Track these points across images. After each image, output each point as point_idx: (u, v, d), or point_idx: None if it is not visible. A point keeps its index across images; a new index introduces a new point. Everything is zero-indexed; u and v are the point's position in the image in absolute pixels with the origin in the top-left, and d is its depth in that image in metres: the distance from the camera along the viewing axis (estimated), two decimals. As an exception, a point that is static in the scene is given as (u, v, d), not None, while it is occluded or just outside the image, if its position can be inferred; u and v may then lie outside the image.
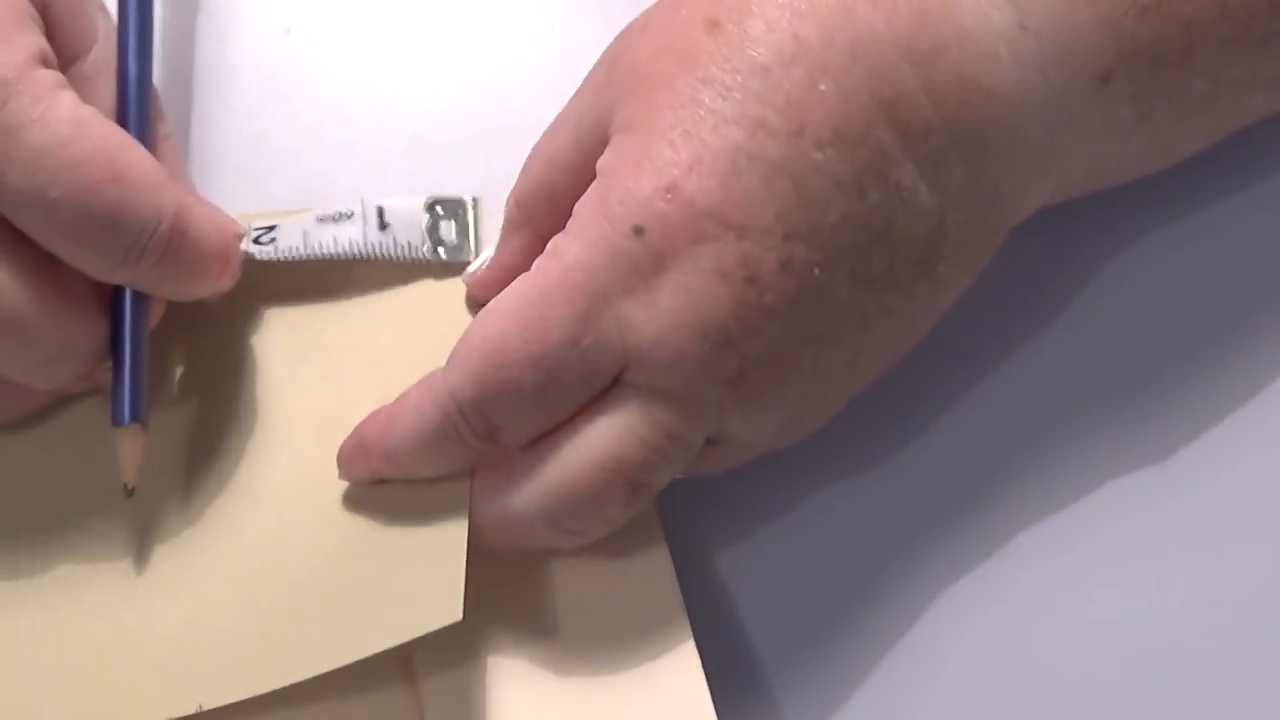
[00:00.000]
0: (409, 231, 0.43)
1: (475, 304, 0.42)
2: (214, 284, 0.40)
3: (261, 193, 0.45)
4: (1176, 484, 0.42)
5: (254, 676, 0.39)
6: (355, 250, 0.43)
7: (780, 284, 0.35)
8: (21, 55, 0.36)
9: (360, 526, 0.41)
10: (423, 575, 0.39)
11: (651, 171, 0.36)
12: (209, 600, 0.40)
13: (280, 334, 0.43)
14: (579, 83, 0.40)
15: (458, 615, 0.37)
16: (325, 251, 0.43)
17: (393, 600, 0.39)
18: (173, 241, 0.37)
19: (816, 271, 0.36)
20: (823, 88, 0.36)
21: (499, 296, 0.37)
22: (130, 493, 0.39)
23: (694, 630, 0.39)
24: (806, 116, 0.35)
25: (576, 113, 0.39)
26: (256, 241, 0.42)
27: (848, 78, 0.36)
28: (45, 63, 0.37)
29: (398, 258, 0.43)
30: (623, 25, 0.39)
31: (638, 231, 0.36)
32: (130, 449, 0.39)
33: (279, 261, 0.42)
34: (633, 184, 0.36)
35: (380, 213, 0.43)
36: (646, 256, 0.36)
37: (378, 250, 0.43)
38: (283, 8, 0.47)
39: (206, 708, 0.38)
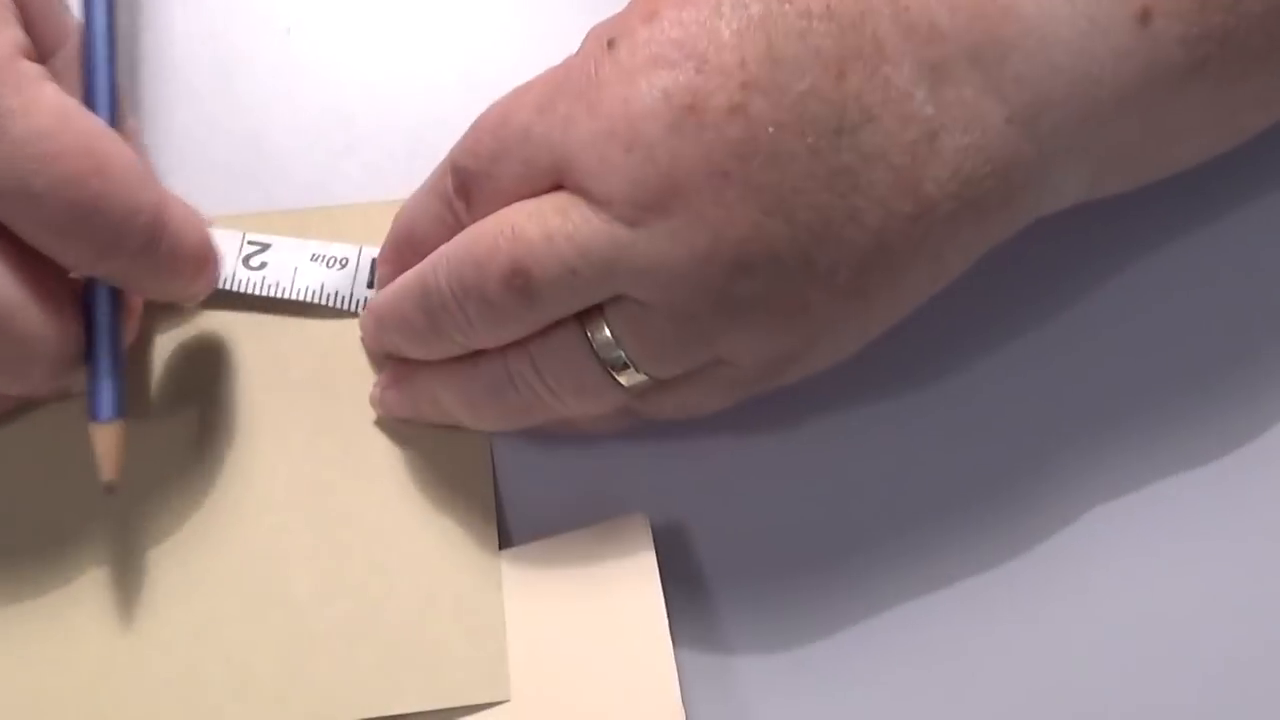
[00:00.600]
0: None
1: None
2: (190, 284, 0.39)
3: (262, 193, 0.45)
4: (1184, 486, 0.43)
5: (273, 711, 0.39)
6: (336, 304, 0.43)
7: (723, 124, 0.35)
8: (5, 47, 0.36)
9: (378, 551, 0.41)
10: (463, 638, 0.39)
11: (641, 3, 0.37)
12: (218, 617, 0.40)
13: (274, 339, 0.43)
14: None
15: (505, 696, 0.39)
16: (308, 297, 0.43)
17: (434, 661, 0.39)
18: (152, 236, 0.37)
19: (770, 130, 0.35)
20: None
21: None
22: (111, 490, 0.39)
23: (684, 635, 0.39)
24: None
25: None
26: (247, 262, 0.43)
27: None
28: (27, 56, 0.37)
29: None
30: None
31: (610, 44, 0.37)
32: (109, 445, 0.39)
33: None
34: (626, 11, 0.38)
35: (373, 268, 0.43)
36: (609, 66, 0.36)
37: (361, 307, 0.43)
38: (283, 8, 0.47)
39: None
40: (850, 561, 0.42)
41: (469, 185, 0.39)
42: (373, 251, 0.43)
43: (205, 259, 0.39)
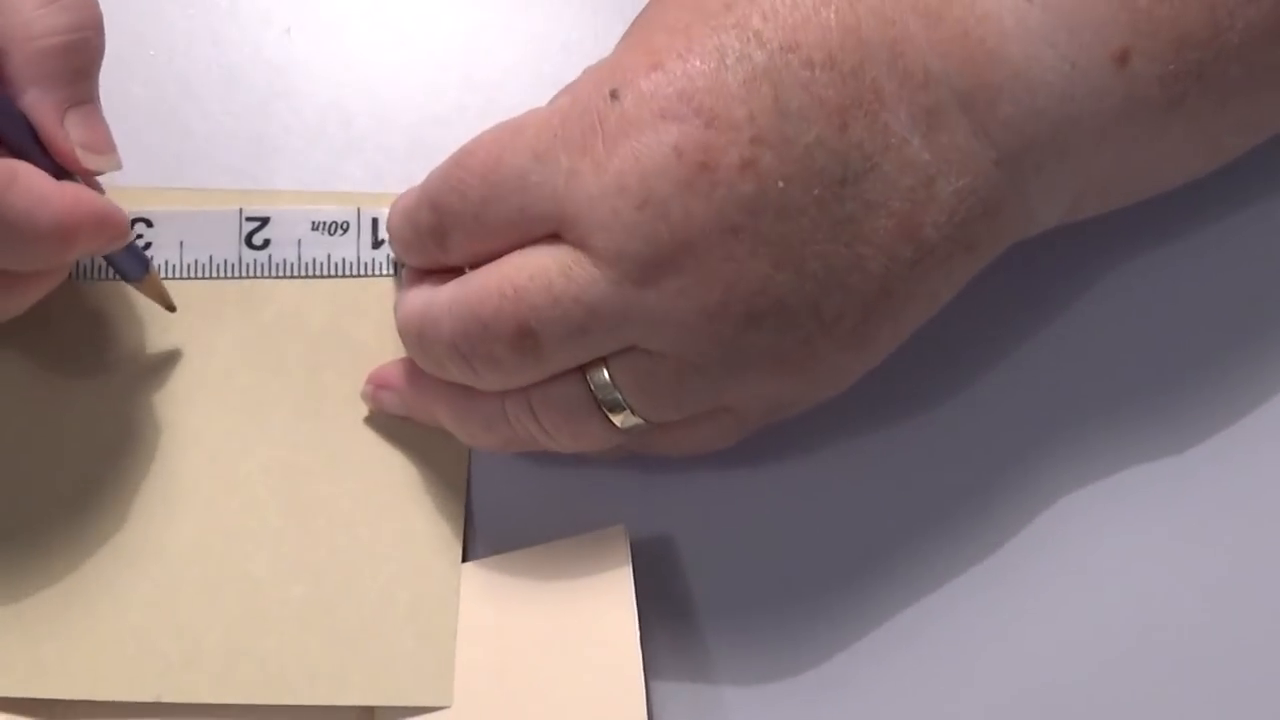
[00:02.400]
0: None
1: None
2: (57, 254, 0.38)
3: (262, 192, 0.45)
4: (1177, 482, 0.42)
5: (218, 684, 0.39)
6: (349, 270, 0.43)
7: (735, 181, 0.35)
8: None
9: (342, 540, 0.41)
10: (413, 640, 0.40)
11: (644, 52, 0.36)
12: (175, 585, 0.40)
13: (265, 318, 0.43)
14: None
15: (447, 702, 0.39)
16: (318, 270, 0.43)
17: (381, 659, 0.40)
18: None
19: (780, 184, 0.35)
20: (825, 16, 0.36)
21: None
22: (174, 309, 0.42)
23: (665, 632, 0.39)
24: (803, 36, 0.36)
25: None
26: (249, 242, 0.43)
27: (852, 14, 0.36)
28: None
29: (389, 274, 0.43)
30: (622, 26, 0.39)
31: (613, 95, 0.36)
32: (157, 290, 0.42)
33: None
34: (624, 58, 0.37)
35: (374, 227, 0.43)
36: (614, 119, 0.36)
37: (370, 269, 0.43)
38: (283, 8, 0.47)
39: (165, 700, 0.39)
40: (836, 578, 0.42)
41: (447, 226, 0.38)
42: (372, 211, 0.44)
43: (68, 235, 0.38)
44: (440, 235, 0.38)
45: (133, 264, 0.41)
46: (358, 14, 0.47)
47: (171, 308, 0.42)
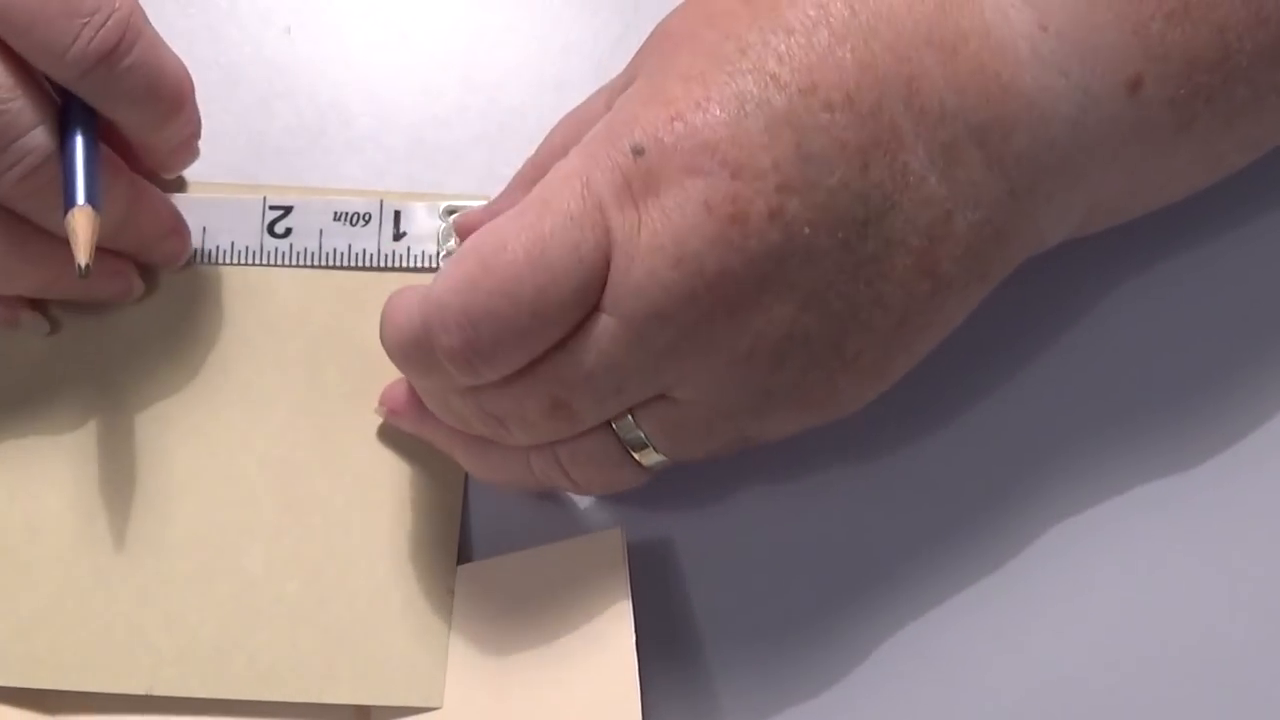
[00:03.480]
0: (423, 242, 0.44)
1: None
2: (169, 120, 0.40)
3: (262, 192, 0.45)
4: (1182, 496, 0.42)
5: (210, 679, 0.39)
6: (369, 263, 0.43)
7: (765, 231, 0.35)
8: None
9: (338, 537, 0.41)
10: (405, 640, 0.40)
11: (661, 103, 0.36)
12: (169, 579, 0.40)
13: (267, 313, 0.43)
14: (579, 83, 0.40)
15: (437, 703, 0.39)
16: (338, 261, 0.43)
17: (373, 658, 0.40)
18: (125, 39, 0.37)
19: (806, 230, 0.35)
20: (841, 55, 0.35)
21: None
22: (85, 272, 0.37)
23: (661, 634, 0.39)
24: (820, 77, 0.35)
25: (614, 81, 0.39)
26: (271, 230, 0.43)
27: (867, 51, 0.36)
28: None
29: (410, 268, 0.43)
30: (622, 26, 0.39)
31: (636, 151, 0.35)
32: (84, 229, 0.37)
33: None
34: (640, 111, 0.36)
35: (396, 219, 0.43)
36: (640, 177, 0.35)
37: (390, 262, 0.43)
38: (283, 8, 0.47)
39: (157, 694, 0.39)
40: (834, 583, 0.42)
41: (488, 342, 0.36)
42: (394, 204, 0.44)
43: (181, 94, 0.39)
44: (479, 356, 0.36)
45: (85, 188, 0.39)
46: (358, 14, 0.47)
47: (84, 268, 0.37)
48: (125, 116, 0.39)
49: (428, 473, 0.42)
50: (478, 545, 0.42)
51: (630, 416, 0.37)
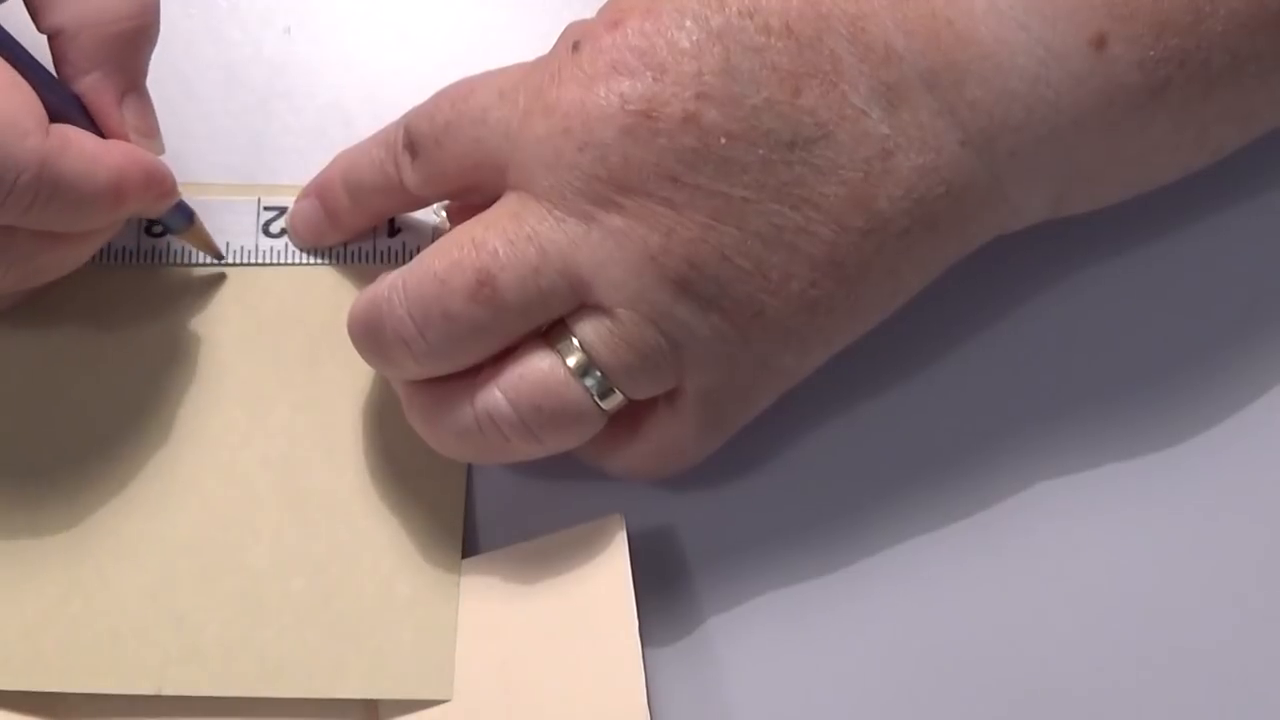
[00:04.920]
0: (419, 238, 0.44)
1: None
2: (109, 213, 0.39)
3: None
4: (1160, 472, 0.43)
5: (217, 677, 0.39)
6: (365, 259, 0.43)
7: (676, 133, 0.36)
8: None
9: (342, 532, 0.41)
10: (413, 633, 0.40)
11: (612, 11, 0.38)
12: (174, 577, 0.40)
13: (265, 311, 0.43)
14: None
15: (446, 696, 0.39)
16: (334, 259, 0.44)
17: (380, 652, 0.40)
18: (40, 190, 0.37)
19: (723, 140, 0.36)
20: None
21: None
22: (222, 257, 0.43)
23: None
24: (763, 4, 0.37)
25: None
26: (267, 230, 0.43)
27: None
28: None
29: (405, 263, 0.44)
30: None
31: (574, 47, 0.38)
32: (202, 238, 0.43)
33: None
34: (593, 19, 0.38)
35: (392, 219, 0.44)
36: (570, 69, 0.37)
37: (386, 258, 0.43)
38: (283, 8, 0.47)
39: (165, 694, 0.39)
40: (835, 569, 0.42)
41: (416, 145, 0.39)
42: None
43: (123, 193, 0.39)
44: (411, 152, 0.40)
45: (177, 217, 0.42)
46: (358, 14, 0.47)
47: (219, 256, 0.43)
48: (64, 226, 0.39)
49: (431, 467, 0.42)
50: (482, 538, 0.42)
51: (573, 339, 0.37)
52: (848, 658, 0.41)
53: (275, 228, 0.44)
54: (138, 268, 0.43)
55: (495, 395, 0.38)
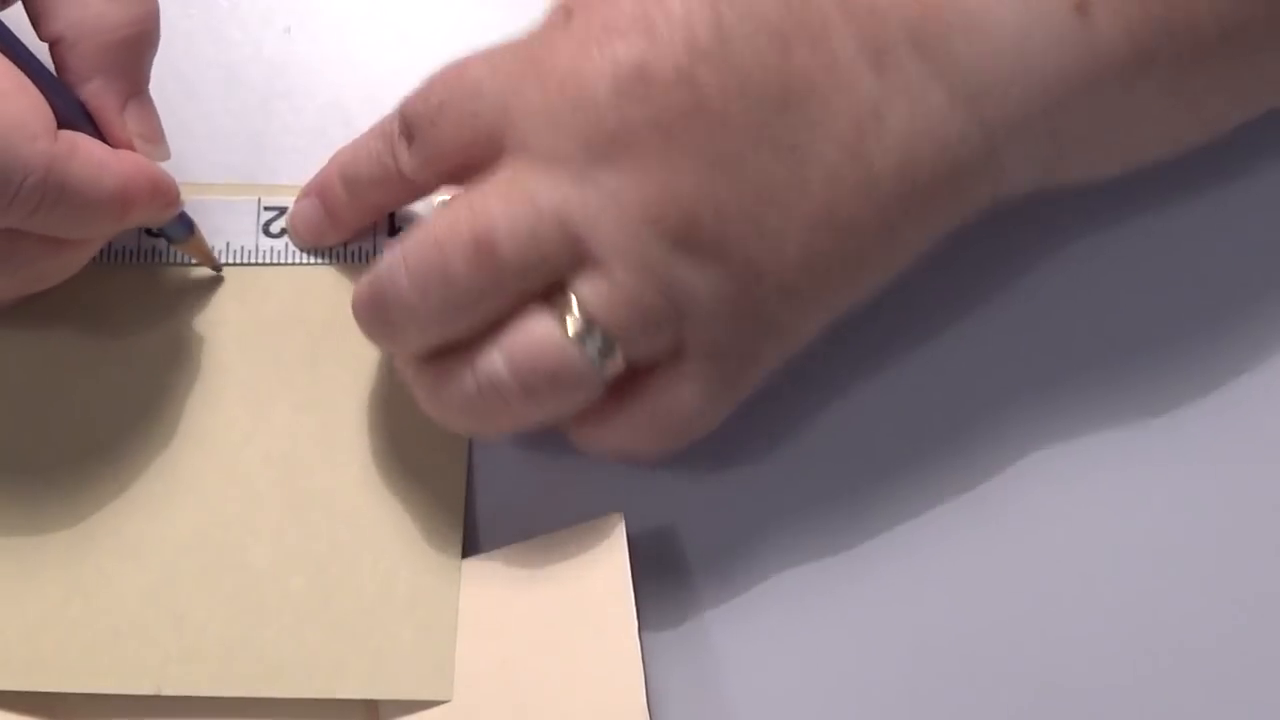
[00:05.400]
0: None
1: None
2: (115, 222, 0.40)
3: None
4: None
5: (217, 677, 0.39)
6: (365, 259, 0.44)
7: (670, 90, 0.37)
8: None
9: (342, 532, 0.41)
10: (413, 633, 0.40)
11: None
12: (174, 577, 0.40)
13: (265, 311, 0.43)
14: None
15: (446, 696, 0.39)
16: (334, 259, 0.44)
17: (380, 652, 0.40)
18: (46, 193, 0.37)
19: (716, 98, 0.37)
20: None
21: None
22: (220, 269, 0.43)
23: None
24: None
25: None
26: (267, 230, 0.43)
27: None
28: None
29: None
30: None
31: (566, 12, 0.38)
32: (201, 250, 0.43)
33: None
34: None
35: (391, 215, 0.44)
36: (562, 36, 0.38)
37: None
38: (283, 8, 0.47)
39: (165, 694, 0.39)
40: (835, 567, 0.42)
41: (412, 127, 0.40)
42: None
43: (129, 200, 0.39)
44: (408, 137, 0.40)
45: (178, 227, 0.42)
46: (358, 14, 0.47)
47: (217, 267, 0.43)
48: (69, 232, 0.39)
49: (431, 466, 0.42)
50: (483, 538, 0.42)
51: (570, 298, 0.37)
52: (847, 651, 0.41)
53: (275, 228, 0.44)
54: (138, 267, 0.43)
55: (494, 359, 0.38)
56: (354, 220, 0.43)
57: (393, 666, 0.39)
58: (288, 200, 0.44)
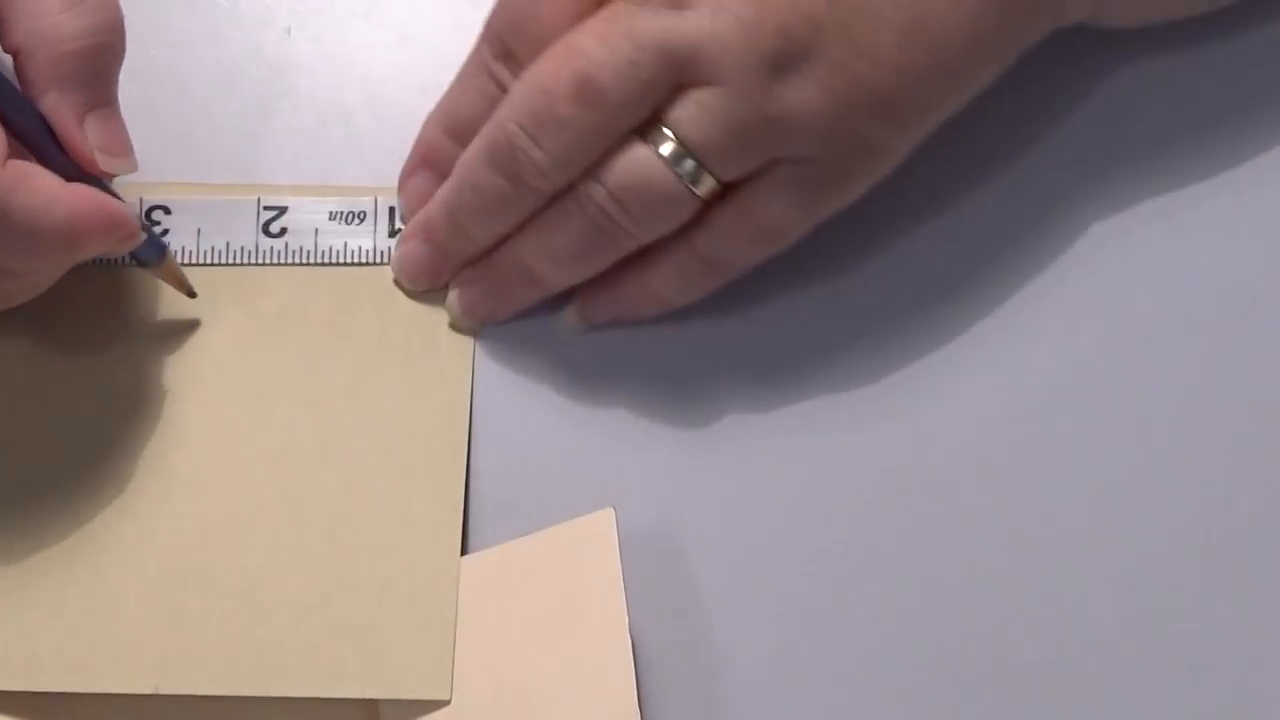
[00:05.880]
0: None
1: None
2: (66, 255, 0.39)
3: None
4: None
5: (216, 676, 0.39)
6: (364, 259, 0.43)
7: None
8: None
9: (341, 531, 0.41)
10: (412, 633, 0.40)
11: None
12: (172, 576, 0.40)
13: (264, 311, 0.43)
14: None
15: (445, 695, 0.39)
16: (334, 259, 0.44)
17: (379, 652, 0.40)
18: None
19: None
20: None
21: None
22: (194, 295, 0.43)
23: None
24: None
25: None
26: (267, 230, 0.43)
27: None
28: None
29: None
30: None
31: None
32: (174, 275, 0.42)
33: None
34: None
35: (392, 215, 0.44)
36: None
37: (387, 258, 0.44)
38: (283, 8, 0.47)
39: (162, 692, 0.39)
40: (830, 559, 0.42)
41: (507, 42, 0.41)
42: (389, 201, 0.44)
43: (77, 236, 0.38)
44: (505, 58, 0.41)
45: (149, 250, 0.42)
46: (358, 14, 0.47)
47: (191, 294, 0.43)
48: (15, 267, 0.39)
49: (429, 466, 0.42)
50: (484, 536, 0.42)
51: (668, 131, 0.39)
52: (843, 653, 0.41)
53: (275, 227, 0.44)
54: (138, 268, 0.43)
55: (595, 189, 0.40)
56: None
57: (392, 666, 0.39)
58: (288, 200, 0.44)
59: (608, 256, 0.42)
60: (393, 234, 0.44)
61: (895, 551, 0.42)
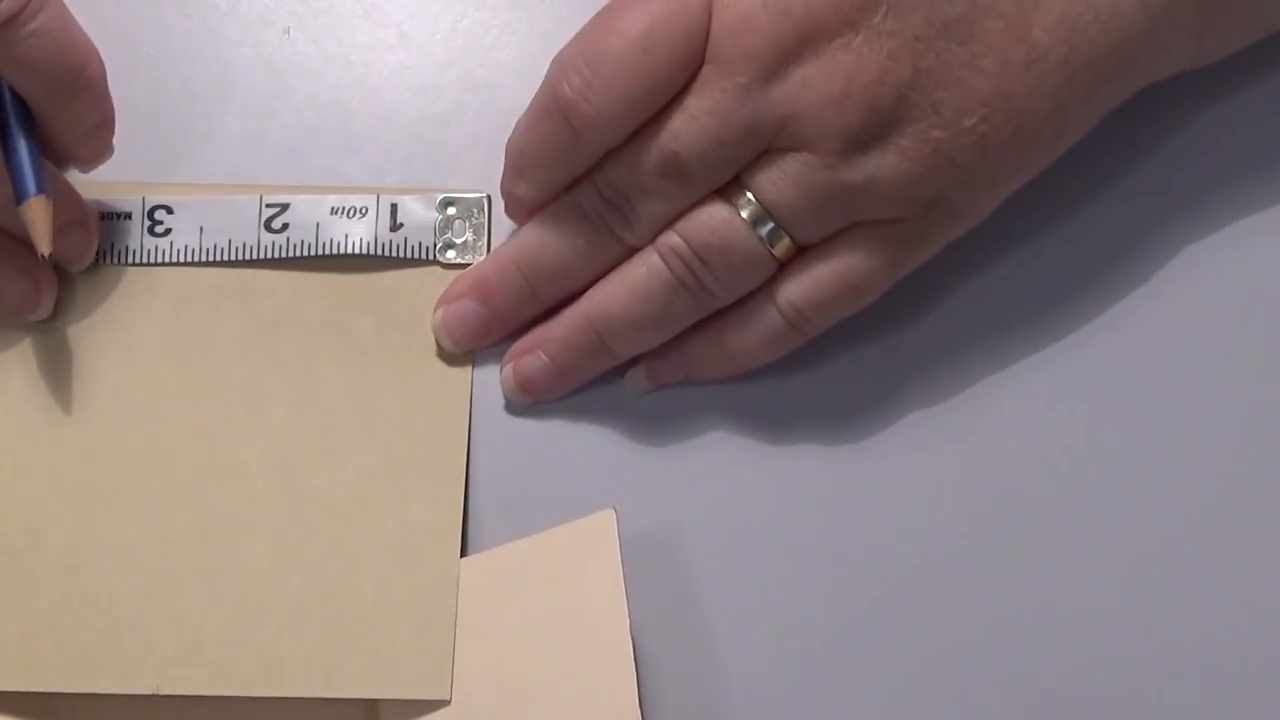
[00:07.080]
0: (421, 233, 0.44)
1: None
2: (71, 102, 0.40)
3: (261, 192, 0.45)
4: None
5: (216, 676, 0.39)
6: (365, 250, 0.43)
7: None
8: None
9: (341, 531, 0.41)
10: (412, 633, 0.40)
11: None
12: (172, 577, 0.41)
13: (264, 311, 0.43)
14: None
15: (445, 695, 0.39)
16: (335, 250, 0.43)
17: (380, 652, 0.40)
18: (24, 12, 0.37)
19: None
20: None
21: None
22: (48, 261, 0.39)
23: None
24: None
25: None
26: (269, 226, 0.43)
27: None
28: None
29: (406, 258, 0.43)
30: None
31: None
32: (40, 219, 0.39)
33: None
34: None
35: (394, 211, 0.44)
36: None
37: (388, 250, 0.43)
38: (282, 8, 0.47)
39: (163, 692, 0.39)
40: (833, 562, 0.42)
41: (591, 85, 0.40)
42: (391, 198, 0.44)
43: (88, 68, 0.40)
44: (596, 93, 0.40)
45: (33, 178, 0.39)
46: (358, 14, 0.47)
47: (45, 253, 0.39)
48: (29, 87, 0.39)
49: (430, 466, 0.42)
50: (484, 537, 0.42)
51: (747, 193, 0.40)
52: (843, 654, 0.41)
53: (277, 223, 0.44)
54: (138, 267, 0.43)
55: (673, 240, 0.40)
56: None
57: (392, 666, 0.39)
58: (289, 197, 0.44)
59: (687, 318, 0.42)
60: (394, 229, 0.44)
61: (895, 552, 0.42)
